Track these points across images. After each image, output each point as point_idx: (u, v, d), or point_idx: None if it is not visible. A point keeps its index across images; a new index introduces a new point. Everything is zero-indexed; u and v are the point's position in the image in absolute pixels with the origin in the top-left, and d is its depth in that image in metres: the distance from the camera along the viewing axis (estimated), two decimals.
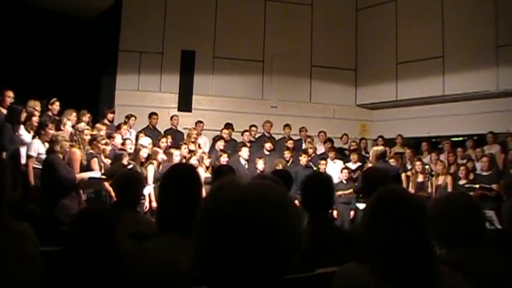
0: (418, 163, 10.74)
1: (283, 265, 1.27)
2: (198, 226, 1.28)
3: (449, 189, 9.99)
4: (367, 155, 11.13)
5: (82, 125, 8.52)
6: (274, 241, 1.23)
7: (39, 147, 7.92)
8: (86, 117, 9.97)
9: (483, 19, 12.30)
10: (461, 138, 12.77)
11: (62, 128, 8.57)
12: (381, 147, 8.62)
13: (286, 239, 1.25)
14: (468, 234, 2.60)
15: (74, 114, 9.58)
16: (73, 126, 8.67)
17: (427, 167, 10.88)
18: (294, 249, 1.28)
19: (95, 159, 8.22)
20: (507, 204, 8.05)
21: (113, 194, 7.27)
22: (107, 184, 8.02)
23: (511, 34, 11.75)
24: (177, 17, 13.80)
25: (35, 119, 8.40)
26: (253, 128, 12.64)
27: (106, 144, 8.71)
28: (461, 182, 10.24)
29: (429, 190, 10.49)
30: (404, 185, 10.40)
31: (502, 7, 12.00)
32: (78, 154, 7.64)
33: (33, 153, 7.88)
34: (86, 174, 7.69)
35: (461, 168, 10.45)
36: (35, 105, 9.13)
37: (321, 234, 3.42)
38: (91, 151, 8.38)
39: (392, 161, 10.47)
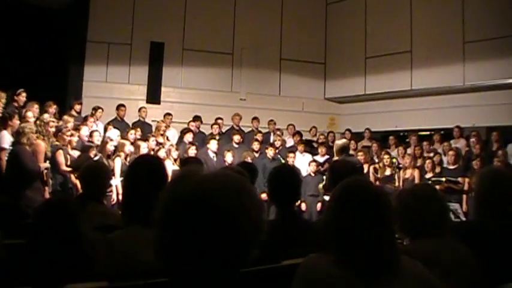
0: (385, 156, 10.79)
1: (244, 254, 1.26)
2: (158, 215, 1.27)
3: (416, 182, 10.05)
4: None
5: (46, 116, 8.38)
6: (233, 229, 1.22)
7: (10, 139, 7.80)
8: (52, 108, 9.82)
9: (450, 15, 12.47)
10: (428, 132, 12.92)
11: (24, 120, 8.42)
12: (343, 141, 8.64)
13: (245, 226, 1.24)
14: (431, 225, 2.62)
15: (36, 106, 9.41)
16: (37, 118, 8.51)
17: (394, 160, 10.95)
18: (254, 237, 1.27)
19: (60, 151, 8.12)
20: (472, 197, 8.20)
21: (79, 186, 7.18)
22: (73, 177, 7.93)
23: (477, 30, 11.90)
24: (146, 7, 13.65)
25: None
26: (219, 121, 12.55)
27: (71, 135, 8.59)
28: (428, 175, 10.33)
29: (396, 183, 10.55)
30: (371, 178, 10.47)
31: (468, 3, 12.17)
32: (42, 146, 7.52)
33: (6, 146, 7.75)
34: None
35: (428, 161, 10.53)
36: (1, 97, 8.95)
37: (288, 227, 3.42)
38: (56, 143, 8.27)
39: (360, 154, 10.56)
